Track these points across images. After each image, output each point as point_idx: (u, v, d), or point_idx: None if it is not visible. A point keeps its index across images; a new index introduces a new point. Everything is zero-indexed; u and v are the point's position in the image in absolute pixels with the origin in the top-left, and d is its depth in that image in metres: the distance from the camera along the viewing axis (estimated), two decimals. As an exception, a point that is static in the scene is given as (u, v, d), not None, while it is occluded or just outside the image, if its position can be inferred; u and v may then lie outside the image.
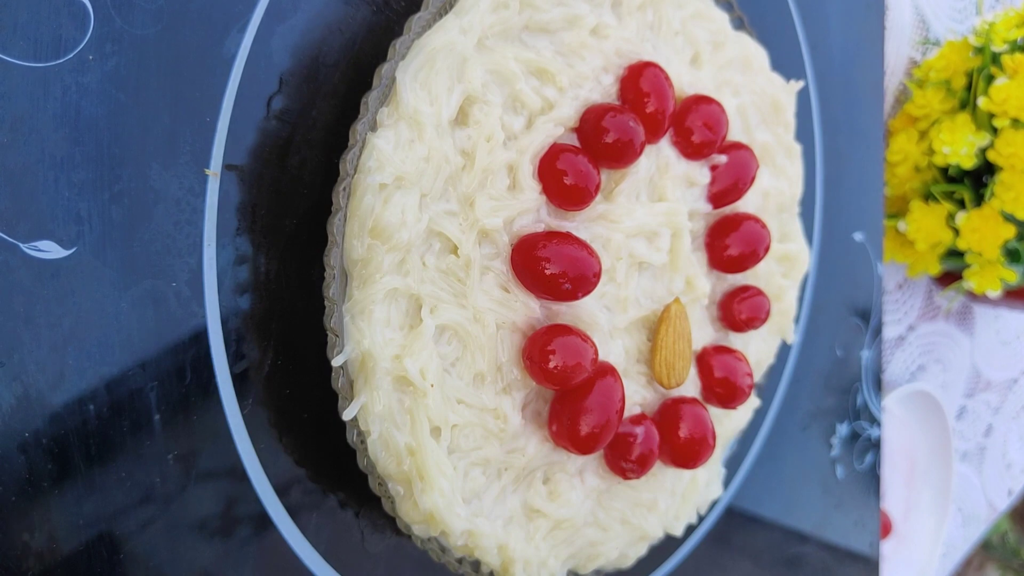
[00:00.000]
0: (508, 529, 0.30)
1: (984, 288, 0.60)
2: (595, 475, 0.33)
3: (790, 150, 0.40)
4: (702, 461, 0.34)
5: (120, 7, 0.25)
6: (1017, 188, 0.56)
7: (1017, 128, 0.56)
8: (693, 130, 0.34)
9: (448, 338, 0.28)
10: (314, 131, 0.29)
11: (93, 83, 0.24)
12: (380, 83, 0.27)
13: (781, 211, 0.40)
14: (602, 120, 0.31)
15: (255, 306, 0.28)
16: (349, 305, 0.27)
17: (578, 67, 0.31)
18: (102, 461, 0.25)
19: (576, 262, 0.29)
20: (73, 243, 0.24)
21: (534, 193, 0.30)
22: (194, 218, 0.26)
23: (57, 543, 0.24)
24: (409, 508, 0.28)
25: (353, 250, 0.27)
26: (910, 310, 0.72)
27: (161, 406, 0.26)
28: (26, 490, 0.24)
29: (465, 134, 0.29)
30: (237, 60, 0.27)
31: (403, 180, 0.27)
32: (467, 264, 0.28)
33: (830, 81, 0.50)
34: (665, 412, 0.34)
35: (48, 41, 0.24)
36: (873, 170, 0.55)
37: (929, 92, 0.61)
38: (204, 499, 0.27)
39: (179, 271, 0.26)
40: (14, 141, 0.23)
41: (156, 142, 0.26)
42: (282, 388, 0.29)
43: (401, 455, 0.27)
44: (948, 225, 0.60)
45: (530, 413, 0.30)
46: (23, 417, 0.24)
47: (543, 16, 0.30)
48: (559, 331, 0.29)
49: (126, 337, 0.25)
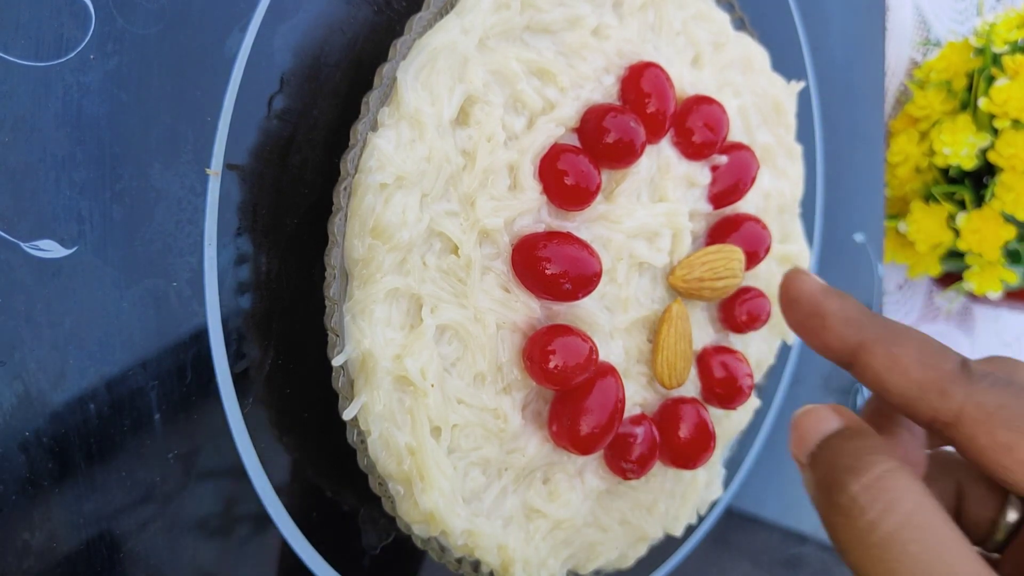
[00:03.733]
0: (508, 529, 0.30)
1: (984, 289, 0.60)
2: (595, 475, 0.33)
3: (791, 151, 0.40)
4: (702, 462, 0.34)
5: (122, 6, 0.25)
6: (1017, 189, 0.56)
7: (1018, 129, 0.56)
8: (694, 131, 0.34)
9: (448, 338, 0.29)
10: (315, 131, 0.29)
11: (94, 82, 0.24)
12: (381, 83, 0.27)
13: (782, 212, 0.40)
14: (603, 120, 0.31)
15: (256, 305, 0.28)
16: (350, 305, 0.27)
17: (579, 67, 0.31)
18: (103, 460, 0.25)
19: (576, 262, 0.29)
20: (74, 242, 0.24)
21: (535, 193, 0.30)
22: (195, 217, 0.27)
23: (57, 542, 0.24)
24: (409, 508, 0.28)
25: (354, 250, 0.27)
26: (910, 311, 0.72)
27: (162, 405, 0.26)
28: (27, 489, 0.24)
29: (466, 134, 0.29)
30: (238, 59, 0.27)
31: (404, 180, 0.27)
32: (468, 264, 0.28)
33: (831, 82, 0.50)
34: (665, 412, 0.34)
35: (49, 40, 0.24)
36: (874, 171, 0.55)
37: (930, 93, 0.61)
38: (204, 498, 0.27)
39: (180, 270, 0.26)
40: (15, 140, 0.23)
41: (157, 141, 0.26)
42: (282, 388, 0.29)
43: (401, 455, 0.27)
44: (948, 226, 0.60)
45: (530, 413, 0.31)
46: (24, 416, 0.24)
47: (544, 16, 0.30)
48: (559, 331, 0.29)
49: (127, 336, 0.25)
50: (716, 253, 0.34)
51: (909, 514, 0.22)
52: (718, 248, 0.34)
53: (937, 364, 0.24)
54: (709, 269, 0.34)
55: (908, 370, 0.25)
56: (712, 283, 0.34)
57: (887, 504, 0.22)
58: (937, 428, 0.25)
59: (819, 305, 0.28)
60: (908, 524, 0.22)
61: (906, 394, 0.25)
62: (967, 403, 0.24)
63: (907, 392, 0.25)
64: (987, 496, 0.28)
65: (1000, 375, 0.24)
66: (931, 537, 0.22)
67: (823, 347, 0.28)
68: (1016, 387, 0.24)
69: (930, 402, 0.24)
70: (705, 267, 0.34)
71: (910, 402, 0.25)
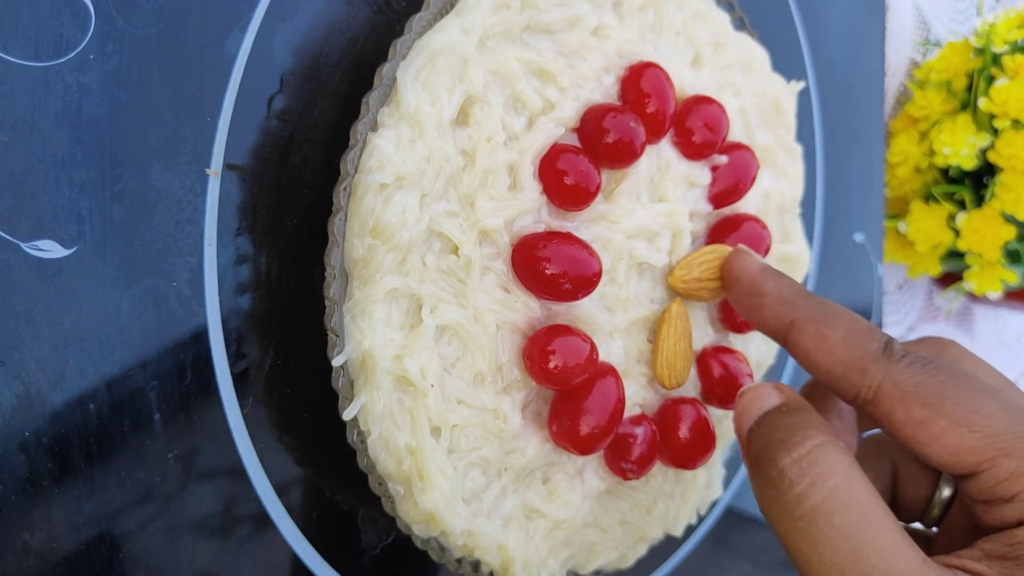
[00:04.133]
0: (507, 529, 0.30)
1: (984, 289, 0.60)
2: (595, 476, 0.33)
3: (791, 151, 0.40)
4: (702, 462, 0.34)
5: (121, 7, 0.25)
6: (1017, 189, 0.56)
7: (1018, 129, 0.56)
8: (694, 131, 0.34)
9: (448, 338, 0.29)
10: (315, 131, 0.29)
11: (94, 82, 0.24)
12: (381, 83, 0.27)
13: (782, 212, 0.40)
14: (603, 120, 0.31)
15: (255, 306, 0.28)
16: (350, 305, 0.27)
17: (579, 67, 0.31)
18: (102, 460, 0.25)
19: (576, 262, 0.29)
20: (74, 242, 0.24)
21: (535, 193, 0.30)
22: (195, 217, 0.27)
23: (57, 542, 0.24)
24: (409, 508, 0.28)
25: (354, 250, 0.27)
26: (910, 311, 0.72)
27: (161, 405, 0.26)
28: (26, 489, 0.24)
29: (466, 134, 0.29)
30: (238, 60, 0.27)
31: (404, 180, 0.27)
32: (468, 264, 0.28)
33: (831, 82, 0.50)
34: (665, 412, 0.34)
35: (49, 41, 0.24)
36: (874, 171, 0.55)
37: (930, 93, 0.61)
38: (204, 498, 0.27)
39: (180, 270, 0.26)
40: (15, 140, 0.23)
41: (157, 141, 0.26)
42: (282, 388, 0.29)
43: (401, 455, 0.27)
44: (948, 226, 0.60)
45: (530, 413, 0.31)
46: (24, 416, 0.24)
47: (544, 16, 0.30)
48: (559, 331, 0.29)
49: (127, 336, 0.25)
50: (712, 253, 0.34)
51: (835, 488, 0.23)
52: (713, 248, 0.34)
53: (861, 344, 0.25)
54: (707, 269, 0.34)
55: (834, 349, 0.26)
56: (710, 283, 0.34)
57: (815, 478, 0.23)
58: (859, 405, 0.25)
59: (757, 284, 0.29)
60: (833, 497, 0.22)
61: (831, 372, 0.26)
62: (885, 381, 0.25)
63: (832, 370, 0.26)
64: (920, 475, 0.29)
65: (923, 355, 0.25)
66: (855, 511, 0.22)
67: (760, 323, 0.29)
68: (933, 366, 0.24)
69: (852, 380, 0.25)
70: (703, 267, 0.34)
71: (835, 379, 0.26)
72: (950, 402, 0.23)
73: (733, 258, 0.31)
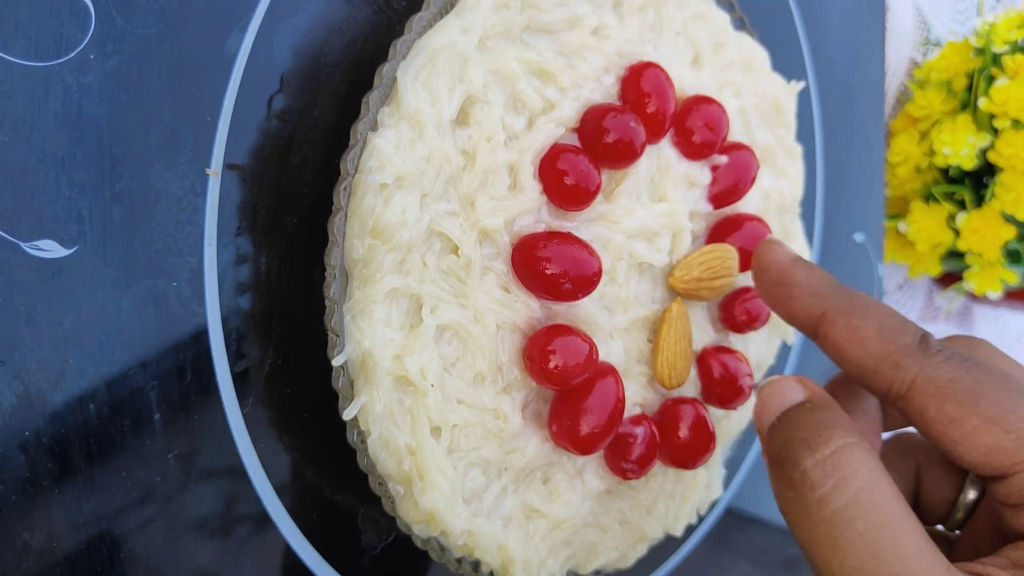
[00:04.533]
0: (507, 529, 0.30)
1: (984, 289, 0.60)
2: (595, 475, 0.33)
3: (791, 151, 0.40)
4: (702, 461, 0.34)
5: (121, 7, 0.25)
6: (1017, 189, 0.56)
7: (1018, 129, 0.56)
8: (694, 130, 0.34)
9: (448, 338, 0.29)
10: (315, 131, 0.29)
11: (94, 82, 0.24)
12: (381, 83, 0.27)
13: (782, 212, 0.40)
14: (603, 120, 0.31)
15: (255, 305, 0.28)
16: (350, 305, 0.27)
17: (579, 67, 0.31)
18: (102, 460, 0.25)
19: (576, 262, 0.29)
20: (74, 242, 0.24)
21: (535, 193, 0.30)
22: (195, 217, 0.27)
23: (57, 542, 0.24)
24: (409, 508, 0.28)
25: (354, 250, 0.27)
26: (910, 311, 0.72)
27: (161, 405, 0.26)
28: (26, 489, 0.24)
29: (466, 134, 0.29)
30: (238, 59, 0.27)
31: (404, 180, 0.27)
32: (468, 264, 0.28)
33: (831, 82, 0.50)
34: (665, 412, 0.34)
35: (49, 40, 0.24)
36: (874, 171, 0.55)
37: (930, 93, 0.61)
38: (204, 498, 0.27)
39: (180, 270, 0.26)
40: (15, 140, 0.23)
41: (157, 141, 0.26)
42: (282, 388, 0.29)
43: (401, 455, 0.27)
44: (949, 226, 0.60)
45: (530, 413, 0.31)
46: (24, 416, 0.24)
47: (544, 16, 0.30)
48: (559, 331, 0.29)
49: (127, 336, 0.25)
50: (711, 253, 0.34)
51: (859, 491, 0.22)
52: (713, 248, 0.34)
53: (895, 337, 0.25)
54: (707, 269, 0.34)
55: (866, 342, 0.25)
56: (710, 283, 0.34)
57: (838, 481, 0.22)
58: (891, 400, 0.25)
59: (787, 275, 0.28)
60: (857, 501, 0.22)
61: (863, 365, 0.25)
62: (919, 376, 0.24)
63: (864, 363, 0.25)
64: (945, 477, 0.28)
65: (958, 351, 0.24)
66: (878, 515, 0.22)
67: (789, 315, 0.28)
68: (970, 363, 0.24)
69: (885, 374, 0.25)
70: (703, 267, 0.34)
71: (867, 373, 0.25)
72: (985, 400, 0.23)
73: (763, 249, 0.30)
